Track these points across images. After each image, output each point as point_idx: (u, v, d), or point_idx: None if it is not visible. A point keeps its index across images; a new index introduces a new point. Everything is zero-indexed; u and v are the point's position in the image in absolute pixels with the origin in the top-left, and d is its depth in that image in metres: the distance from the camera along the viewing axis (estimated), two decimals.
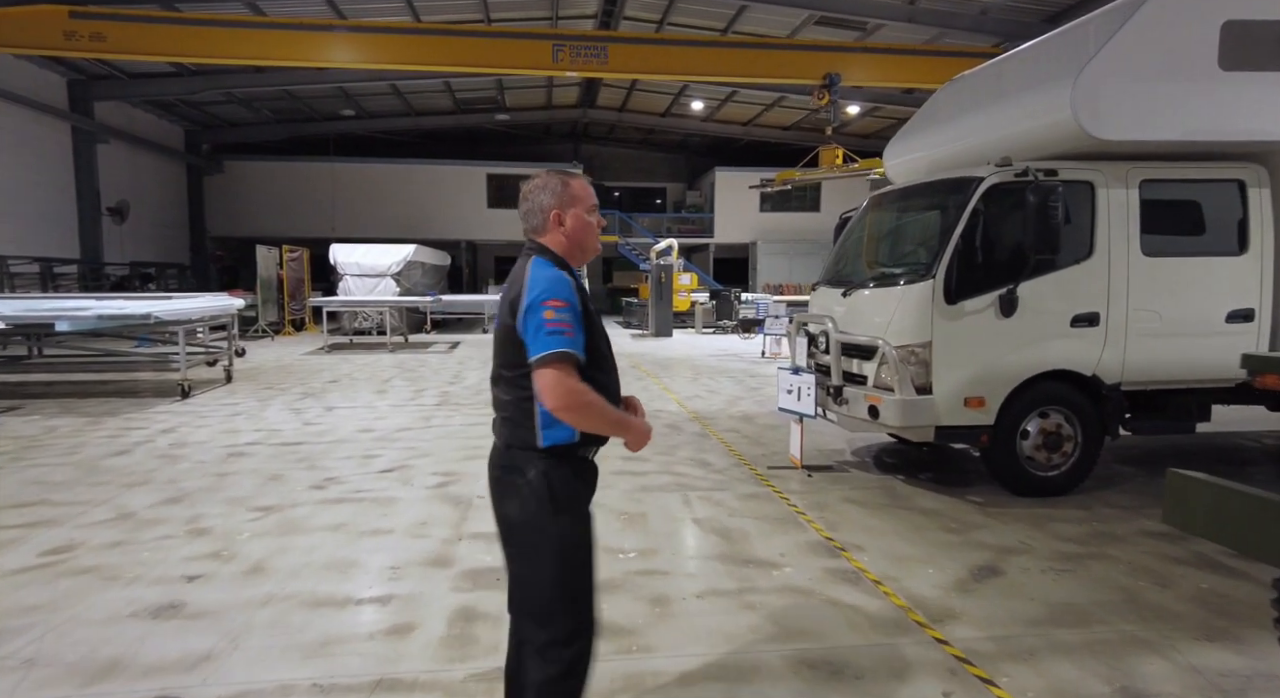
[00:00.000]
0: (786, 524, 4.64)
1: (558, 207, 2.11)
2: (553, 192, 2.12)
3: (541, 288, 1.97)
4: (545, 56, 14.45)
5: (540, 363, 1.92)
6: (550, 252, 2.12)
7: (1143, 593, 3.63)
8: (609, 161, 32.35)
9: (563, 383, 1.92)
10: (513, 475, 2.06)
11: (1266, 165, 5.16)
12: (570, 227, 2.12)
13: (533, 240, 2.15)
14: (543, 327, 1.93)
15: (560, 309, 1.95)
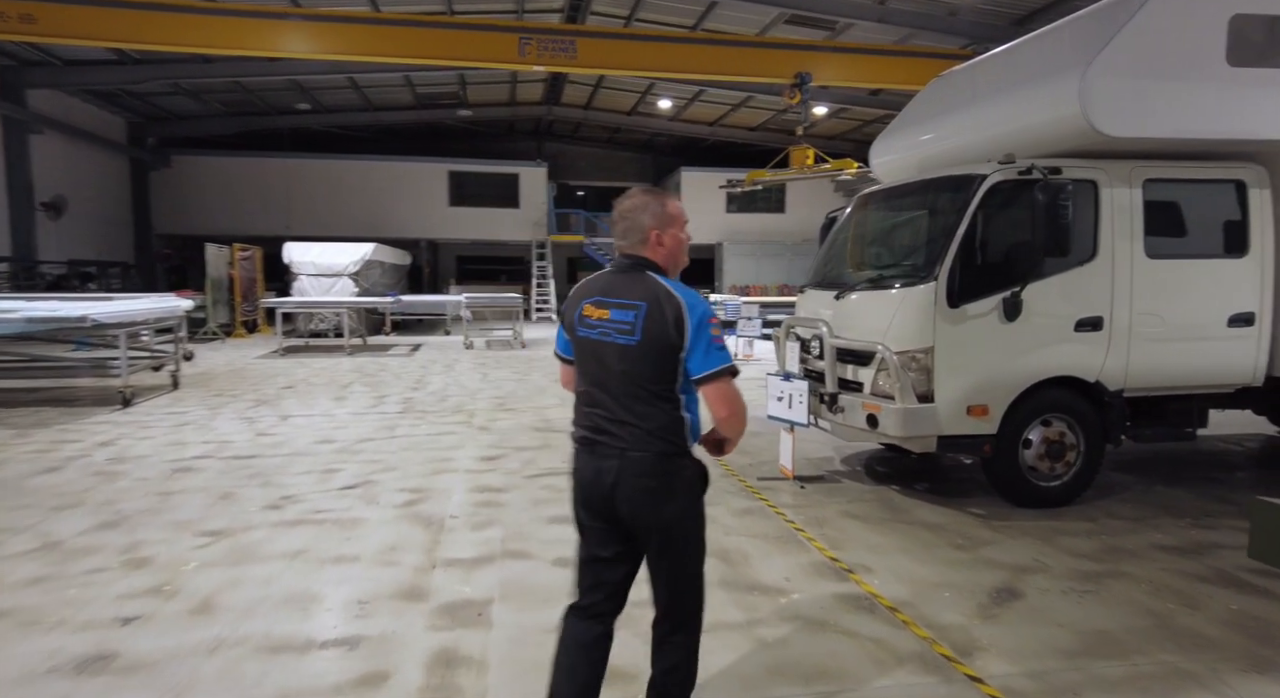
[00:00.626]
0: (786, 543, 4.34)
1: (657, 227, 2.23)
2: (653, 213, 2.24)
3: (701, 306, 2.12)
4: (511, 50, 14.00)
5: (718, 376, 2.10)
6: (658, 266, 2.24)
7: (1174, 617, 3.41)
8: (574, 160, 31.88)
9: (734, 393, 2.14)
10: (671, 480, 2.18)
11: (1267, 166, 5.04)
12: (669, 245, 2.25)
13: (639, 256, 2.25)
14: (713, 343, 2.10)
15: (718, 325, 2.14)
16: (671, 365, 2.13)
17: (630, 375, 2.16)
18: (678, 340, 2.10)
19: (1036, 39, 5.40)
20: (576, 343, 2.30)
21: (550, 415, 8.24)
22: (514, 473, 5.84)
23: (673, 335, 2.10)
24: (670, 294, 2.13)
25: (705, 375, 2.10)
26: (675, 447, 2.17)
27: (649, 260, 2.23)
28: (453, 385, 10.49)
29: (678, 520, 2.21)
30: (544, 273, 26.74)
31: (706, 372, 2.10)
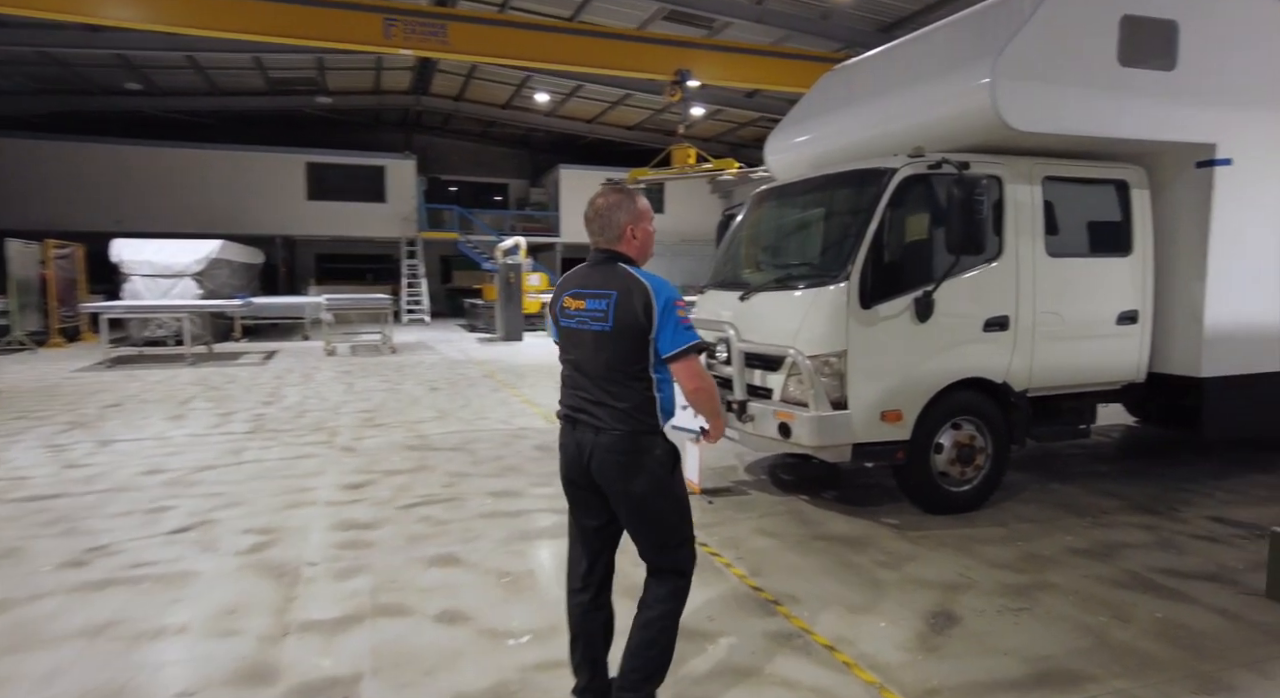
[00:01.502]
0: (703, 571, 3.87)
1: (631, 222, 2.45)
2: (626, 209, 2.45)
3: (667, 290, 2.31)
4: (375, 31, 12.87)
5: (685, 354, 2.31)
6: (631, 258, 2.45)
7: (1109, 631, 3.24)
8: (445, 154, 30.44)
9: (700, 369, 2.36)
10: (641, 456, 2.36)
11: (1147, 166, 5.14)
12: (641, 238, 2.48)
13: (612, 250, 2.46)
14: (680, 324, 2.29)
15: (684, 307, 2.32)
16: (642, 348, 2.33)
17: (606, 359, 2.37)
18: (646, 324, 2.30)
19: (939, 31, 5.28)
20: (561, 332, 2.52)
21: (426, 430, 7.47)
22: (385, 503, 5.10)
23: (642, 320, 2.30)
24: (639, 281, 2.34)
25: (674, 353, 2.31)
26: (645, 425, 2.37)
27: (621, 253, 2.45)
28: (312, 398, 9.42)
29: (648, 494, 2.39)
30: (415, 272, 25.32)
31: (675, 349, 2.31)
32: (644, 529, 2.45)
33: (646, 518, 2.42)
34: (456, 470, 5.92)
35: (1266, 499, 5.16)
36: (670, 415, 2.42)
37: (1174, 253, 5.12)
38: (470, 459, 6.28)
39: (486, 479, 5.67)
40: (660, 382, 2.37)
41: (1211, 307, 5.00)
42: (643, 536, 2.46)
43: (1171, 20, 4.70)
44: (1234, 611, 3.45)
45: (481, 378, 11.33)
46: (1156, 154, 5.05)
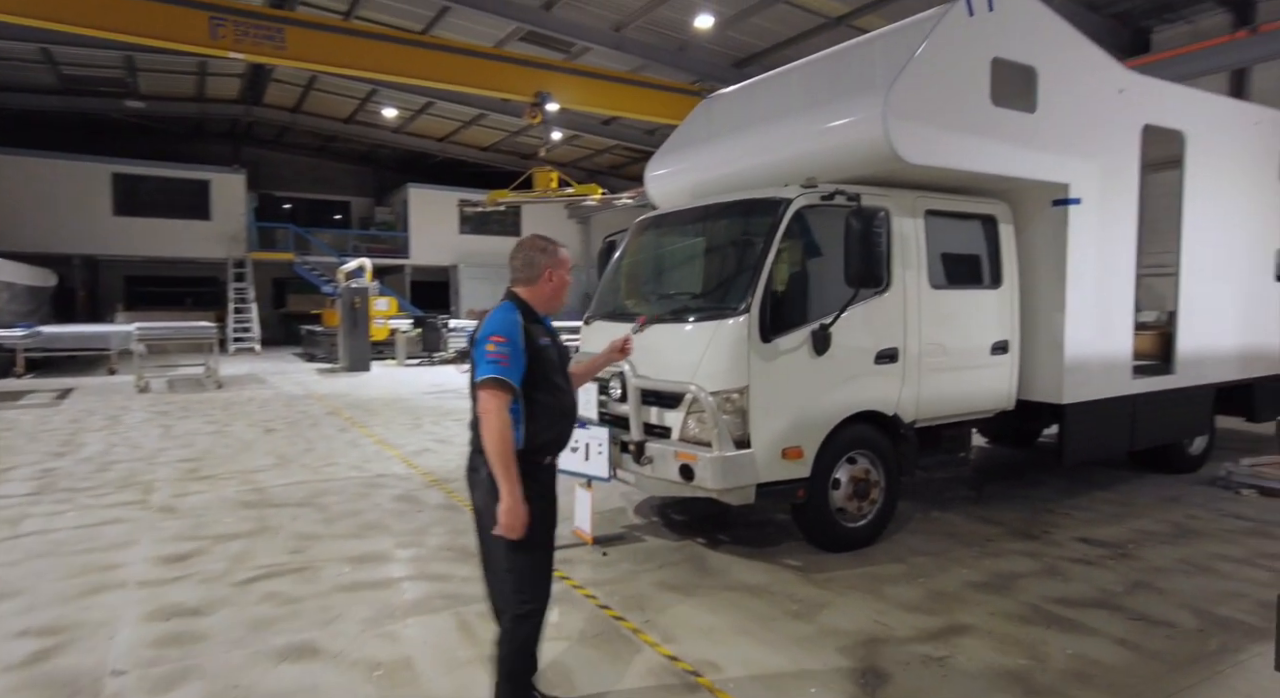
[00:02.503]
0: (611, 642, 3.48)
1: (549, 266, 2.69)
2: (549, 253, 2.71)
3: (490, 326, 2.53)
4: (199, 30, 11.47)
5: (480, 384, 2.47)
6: (521, 300, 2.67)
7: (1032, 677, 3.16)
8: (279, 169, 28.18)
9: (490, 403, 2.44)
10: (473, 474, 2.63)
11: (1011, 202, 5.38)
12: (556, 283, 2.72)
13: (511, 291, 2.70)
14: (485, 356, 2.47)
15: (500, 344, 2.48)
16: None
17: (470, 381, 2.57)
18: (473, 350, 2.56)
19: (824, 62, 5.27)
20: None
21: (264, 482, 6.50)
22: (217, 579, 4.25)
23: (473, 345, 2.57)
24: (488, 315, 2.59)
25: (475, 382, 2.49)
26: (477, 445, 2.56)
27: (514, 294, 2.67)
28: (120, 446, 8.04)
29: (478, 511, 2.62)
30: (244, 296, 23.01)
31: (476, 379, 2.48)
32: (486, 540, 2.62)
33: (486, 530, 2.55)
34: (305, 532, 5.11)
35: (1116, 516, 5.48)
36: (519, 441, 2.49)
37: (1037, 286, 5.38)
38: (321, 517, 5.47)
39: (343, 541, 4.92)
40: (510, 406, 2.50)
41: (1070, 336, 5.28)
42: (486, 548, 2.64)
43: (1032, 66, 4.94)
44: (1132, 641, 3.50)
45: (325, 416, 10.25)
46: (1020, 191, 5.29)
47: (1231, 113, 6.47)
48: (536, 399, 2.54)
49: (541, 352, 2.57)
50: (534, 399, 2.53)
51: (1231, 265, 6.44)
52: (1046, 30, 5.07)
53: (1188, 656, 3.36)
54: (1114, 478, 6.51)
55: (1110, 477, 6.55)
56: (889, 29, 4.98)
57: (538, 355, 2.54)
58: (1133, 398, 5.77)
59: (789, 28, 15.07)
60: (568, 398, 2.71)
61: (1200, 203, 6.05)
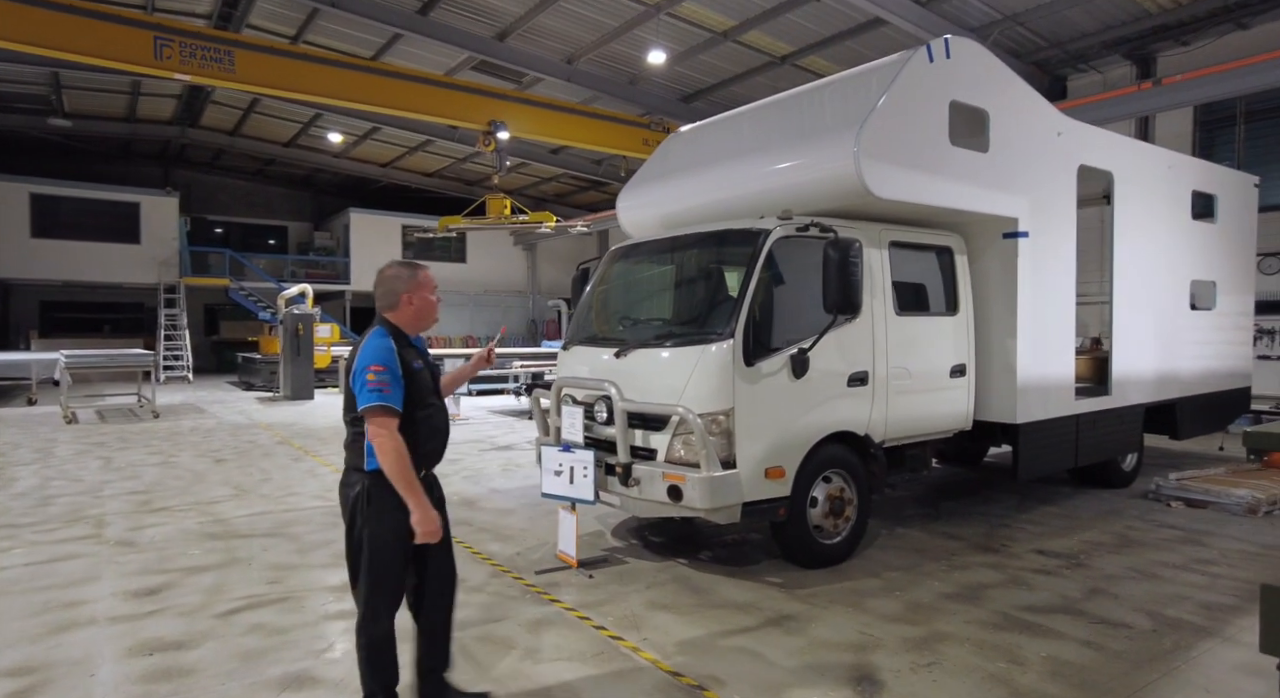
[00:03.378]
0: (611, 660, 3.54)
1: (408, 290, 2.84)
2: (405, 281, 2.85)
3: (367, 356, 2.69)
4: (144, 50, 11.16)
5: (366, 413, 2.65)
6: (391, 325, 2.84)
7: (1014, 678, 3.37)
8: (213, 192, 27.32)
9: (379, 430, 2.65)
10: (347, 490, 2.82)
11: (965, 234, 5.75)
12: (417, 306, 2.87)
13: (382, 315, 2.87)
14: (366, 385, 2.65)
15: (380, 372, 2.65)
16: (353, 400, 2.72)
17: (344, 405, 2.82)
18: (348, 378, 2.74)
19: (793, 101, 5.55)
20: None
21: (225, 513, 6.30)
22: (195, 611, 4.12)
23: (346, 375, 2.77)
24: (362, 342, 2.78)
25: (359, 411, 2.67)
26: (354, 463, 2.80)
27: (385, 319, 2.85)
28: (57, 479, 7.63)
29: (350, 526, 2.80)
30: (175, 322, 22.10)
31: (359, 407, 2.66)
32: (353, 556, 2.82)
33: (353, 546, 2.80)
34: (279, 562, 4.99)
35: (1065, 529, 5.84)
36: (374, 457, 2.67)
37: (989, 312, 5.74)
38: (294, 547, 5.34)
39: (321, 571, 4.83)
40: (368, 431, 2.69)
41: (1022, 360, 5.64)
42: (353, 562, 2.83)
43: (984, 109, 5.34)
44: (1096, 642, 3.76)
45: (276, 445, 9.95)
46: (973, 224, 5.66)
47: (1151, 156, 7.08)
48: (414, 418, 2.74)
49: (416, 375, 2.77)
50: (412, 418, 2.73)
51: (1155, 295, 7.00)
52: (996, 77, 5.49)
53: (1147, 654, 3.63)
54: (1057, 494, 6.92)
55: (1054, 493, 6.96)
56: (854, 72, 5.31)
57: (413, 378, 2.75)
58: (1076, 418, 6.18)
59: (736, 65, 15.63)
60: (441, 415, 2.95)
61: (1128, 237, 6.58)
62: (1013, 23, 12.66)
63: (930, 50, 4.96)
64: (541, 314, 29.04)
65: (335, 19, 14.52)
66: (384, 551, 2.75)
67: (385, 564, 2.76)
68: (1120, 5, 12.40)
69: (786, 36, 14.16)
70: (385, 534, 2.74)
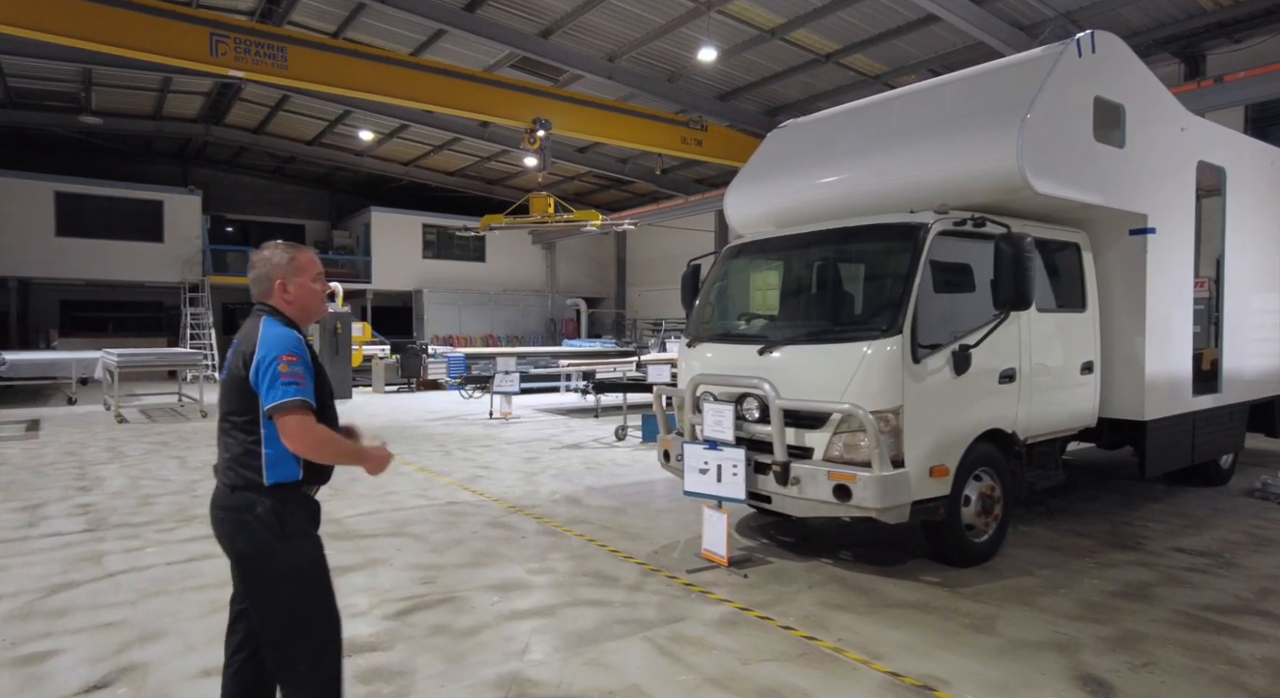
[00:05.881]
0: (821, 662, 3.48)
1: (282, 276, 2.39)
2: (279, 265, 2.40)
3: (275, 344, 2.25)
4: (200, 47, 11.05)
5: (281, 410, 2.19)
6: (280, 313, 2.39)
7: (1242, 679, 3.32)
8: (232, 191, 27.13)
9: (304, 426, 2.22)
10: (240, 513, 2.24)
11: (1090, 230, 5.70)
12: (295, 293, 2.41)
13: (263, 303, 2.41)
14: (279, 378, 2.20)
15: (293, 363, 2.24)
16: (246, 399, 2.26)
17: (222, 408, 2.35)
18: (244, 373, 2.25)
19: (929, 93, 5.47)
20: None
21: (331, 511, 6.20)
22: (366, 613, 4.03)
23: (242, 370, 2.26)
24: (257, 333, 2.29)
25: (269, 408, 2.21)
26: (246, 480, 2.26)
27: (270, 306, 2.40)
28: (144, 479, 7.53)
29: (251, 556, 2.27)
30: (200, 321, 21.94)
31: (269, 404, 2.21)
32: (253, 597, 2.32)
33: (253, 584, 2.30)
34: (420, 562, 4.91)
35: (1189, 527, 5.78)
36: (286, 473, 2.27)
37: (1114, 309, 5.69)
38: (425, 546, 5.26)
39: (469, 570, 4.75)
40: (269, 436, 2.26)
41: (1149, 357, 5.60)
42: (253, 605, 2.33)
43: (1121, 105, 5.29)
44: None
45: None
46: (1097, 220, 5.61)
47: (1260, 153, 7.06)
48: (321, 420, 2.31)
49: (321, 370, 2.41)
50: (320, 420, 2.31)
51: (1260, 291, 6.97)
52: (1133, 71, 5.45)
53: None
54: (1156, 491, 6.87)
55: (1153, 490, 6.91)
56: (997, 65, 5.26)
57: (320, 374, 2.38)
58: (1193, 415, 6.15)
59: (777, 63, 15.57)
60: (336, 421, 2.47)
61: (1238, 233, 6.56)
62: (1066, 20, 12.61)
63: (1079, 45, 4.91)
64: (560, 313, 28.95)
65: (378, 15, 14.40)
66: (314, 588, 2.31)
67: (315, 593, 2.31)
68: (1176, 3, 12.40)
69: (833, 34, 14.11)
70: (311, 565, 2.31)
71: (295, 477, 2.28)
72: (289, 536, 2.26)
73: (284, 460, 2.26)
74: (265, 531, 2.22)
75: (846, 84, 16.13)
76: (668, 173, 22.80)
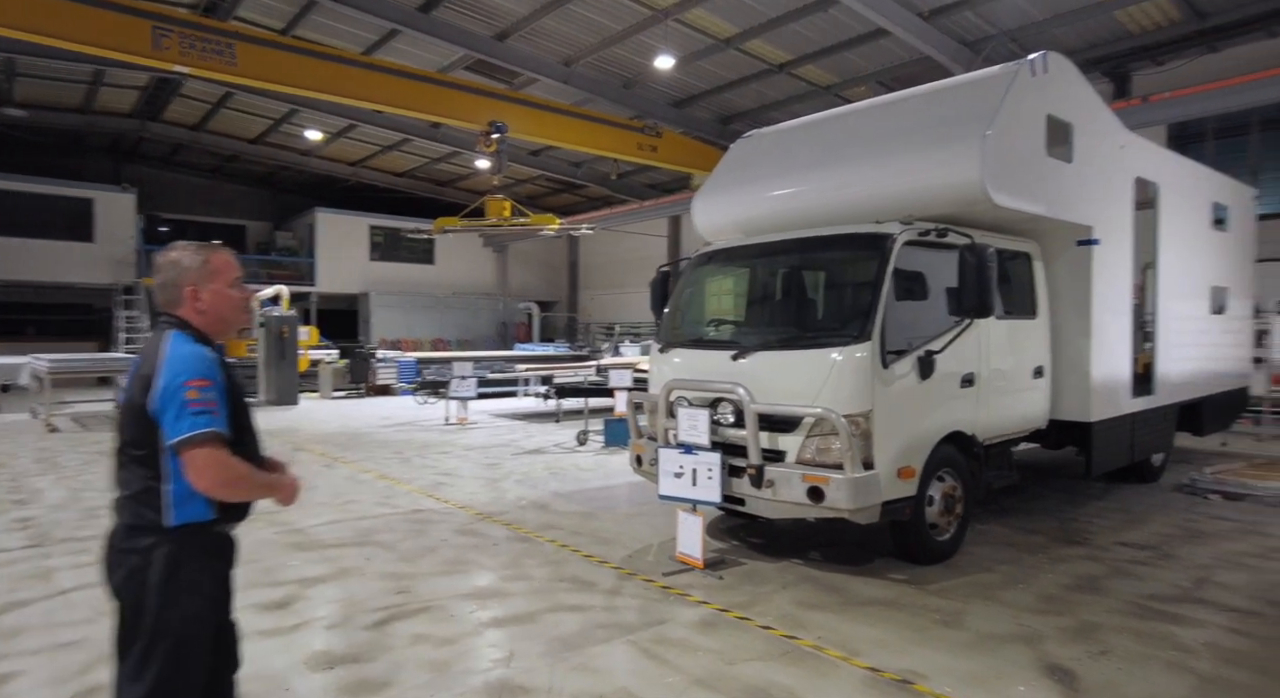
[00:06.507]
0: (804, 659, 3.57)
1: (194, 282, 2.12)
2: (189, 267, 2.12)
3: (182, 367, 1.99)
4: (141, 40, 10.63)
5: (188, 444, 1.94)
6: (190, 326, 2.11)
7: (1190, 664, 3.55)
8: (169, 189, 26.06)
9: (215, 462, 1.96)
10: (132, 557, 2.01)
11: (1040, 241, 5.98)
12: (209, 302, 2.14)
13: (169, 314, 2.14)
14: (186, 407, 1.94)
15: (204, 388, 1.97)
16: (146, 429, 2.00)
17: (119, 438, 2.09)
18: (143, 400, 1.99)
19: (893, 107, 5.66)
20: None
21: (293, 521, 6.04)
22: (344, 624, 3.96)
23: (140, 397, 2.00)
24: (159, 351, 2.03)
25: (174, 442, 1.96)
26: (144, 519, 2.02)
27: (177, 318, 2.13)
28: (86, 491, 7.19)
29: (128, 605, 2.03)
30: (134, 324, 21.03)
31: (175, 438, 1.96)
32: (130, 643, 2.03)
33: (131, 630, 2.03)
34: (393, 571, 4.84)
35: (1129, 522, 6.11)
36: (193, 512, 2.02)
37: (1062, 316, 5.98)
38: (395, 556, 5.18)
39: (443, 579, 4.71)
40: (174, 472, 1.99)
41: (1094, 361, 5.91)
42: (129, 653, 2.03)
43: (1070, 122, 5.58)
44: (1241, 629, 3.97)
45: (294, 452, 9.58)
46: (1047, 231, 5.88)
47: (1187, 169, 7.52)
48: (238, 451, 2.07)
49: (239, 393, 2.15)
50: (236, 451, 2.06)
51: (1188, 299, 7.42)
52: (1079, 91, 5.75)
53: None
54: (1095, 489, 7.22)
55: (1092, 488, 7.26)
56: (956, 82, 5.51)
57: (237, 398, 2.13)
58: (1133, 416, 6.50)
59: (732, 72, 15.82)
60: (257, 446, 2.25)
61: (1169, 244, 6.97)
62: (1006, 38, 13.16)
63: (1033, 65, 5.17)
64: (512, 316, 28.71)
65: (329, 13, 14.10)
66: (193, 642, 2.05)
67: (191, 658, 2.05)
68: (1105, 25, 13.09)
69: (787, 45, 14.42)
70: (196, 617, 2.05)
71: (204, 517, 2.03)
72: (176, 590, 1.99)
73: (191, 499, 2.00)
74: (152, 582, 1.98)
75: (798, 94, 16.50)
76: (623, 178, 22.89)
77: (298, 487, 2.27)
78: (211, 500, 2.03)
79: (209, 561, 2.09)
